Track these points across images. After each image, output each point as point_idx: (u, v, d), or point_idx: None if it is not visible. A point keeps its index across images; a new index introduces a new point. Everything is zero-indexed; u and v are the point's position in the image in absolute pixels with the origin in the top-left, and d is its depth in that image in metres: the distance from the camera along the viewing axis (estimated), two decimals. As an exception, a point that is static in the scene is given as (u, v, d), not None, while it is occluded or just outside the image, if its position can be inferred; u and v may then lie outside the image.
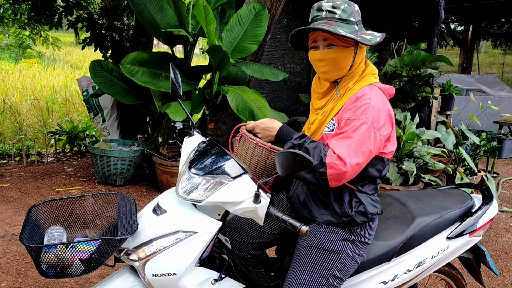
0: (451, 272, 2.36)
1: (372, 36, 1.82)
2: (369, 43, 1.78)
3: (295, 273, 1.89)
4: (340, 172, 1.66)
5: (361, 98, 1.77)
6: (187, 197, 1.73)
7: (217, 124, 5.05)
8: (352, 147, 1.68)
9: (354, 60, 1.82)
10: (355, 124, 1.71)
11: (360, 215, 1.84)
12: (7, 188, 4.89)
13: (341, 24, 1.76)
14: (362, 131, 1.70)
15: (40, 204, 1.84)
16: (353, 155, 1.68)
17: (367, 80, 1.85)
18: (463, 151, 4.61)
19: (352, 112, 1.75)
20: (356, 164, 1.68)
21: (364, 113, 1.72)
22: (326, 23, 1.76)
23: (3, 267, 3.25)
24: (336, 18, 1.76)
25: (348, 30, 1.76)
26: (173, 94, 2.05)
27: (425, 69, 4.57)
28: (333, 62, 1.81)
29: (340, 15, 1.76)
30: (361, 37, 1.78)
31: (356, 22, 1.79)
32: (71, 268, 1.65)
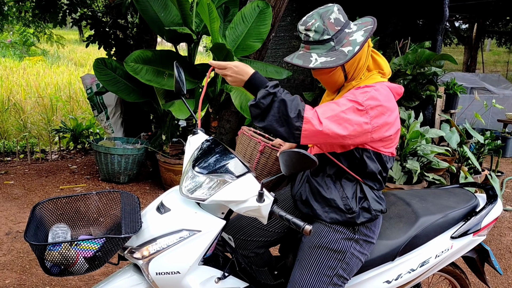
0: (455, 271, 2.35)
1: (351, 46, 1.75)
2: (343, 62, 1.72)
3: (299, 272, 1.89)
4: (315, 129, 1.63)
5: (364, 87, 1.77)
6: (191, 195, 1.73)
7: (220, 122, 5.05)
8: (334, 114, 1.66)
9: (345, 70, 1.82)
10: (348, 100, 1.70)
11: (364, 211, 1.84)
12: (12, 185, 4.91)
13: (316, 47, 1.77)
14: (351, 107, 1.68)
15: (45, 202, 1.85)
16: (332, 121, 1.65)
17: (373, 79, 1.84)
18: (467, 150, 4.60)
19: (350, 94, 1.75)
20: (332, 131, 1.64)
21: (362, 96, 1.71)
22: (304, 48, 1.80)
23: (7, 265, 3.27)
24: (310, 42, 1.78)
25: (324, 50, 1.76)
26: (177, 92, 2.05)
27: (429, 67, 4.56)
28: (325, 80, 1.88)
29: (313, 37, 1.76)
30: (337, 53, 1.75)
31: (332, 37, 1.75)
32: (75, 266, 1.66)
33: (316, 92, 5.41)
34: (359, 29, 1.80)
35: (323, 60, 1.74)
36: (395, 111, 1.79)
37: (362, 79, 1.84)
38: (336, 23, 1.76)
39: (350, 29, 1.80)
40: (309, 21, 1.76)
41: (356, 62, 1.81)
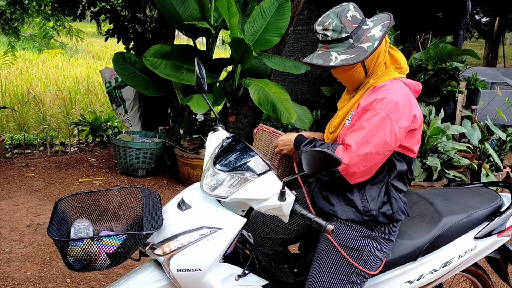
0: (477, 272, 2.32)
1: (370, 41, 1.76)
2: (364, 57, 1.74)
3: (317, 270, 1.88)
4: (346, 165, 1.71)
5: (380, 89, 1.77)
6: (212, 193, 1.73)
7: (238, 117, 5.04)
8: (362, 137, 1.71)
9: (365, 66, 1.83)
10: (369, 115, 1.72)
11: (384, 216, 1.82)
12: (32, 178, 4.98)
13: (335, 45, 1.79)
14: (375, 121, 1.70)
15: (67, 197, 1.86)
16: (362, 144, 1.70)
17: (389, 75, 1.84)
18: (488, 147, 4.52)
19: (368, 102, 1.75)
20: (365, 153, 1.70)
21: (380, 104, 1.72)
22: (322, 48, 1.82)
23: (28, 257, 3.32)
24: (329, 41, 1.79)
25: (343, 48, 1.77)
26: (198, 89, 2.05)
27: (451, 62, 4.47)
28: (345, 78, 1.88)
29: (331, 36, 1.78)
30: (356, 50, 1.76)
31: (350, 34, 1.77)
32: (98, 262, 1.67)
33: (334, 87, 5.37)
34: (376, 25, 1.81)
35: (343, 57, 1.75)
36: (412, 103, 1.79)
37: (380, 75, 1.84)
38: (353, 21, 1.77)
39: (367, 25, 1.81)
40: (326, 20, 1.78)
41: (375, 58, 1.82)
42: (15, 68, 10.30)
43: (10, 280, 3.02)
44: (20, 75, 9.94)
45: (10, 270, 3.12)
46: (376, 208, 1.81)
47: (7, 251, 3.38)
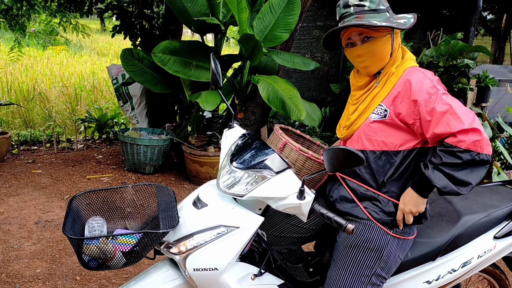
0: (495, 272, 2.28)
1: (405, 19, 1.79)
2: (405, 27, 1.75)
3: (336, 272, 1.85)
4: (479, 139, 1.58)
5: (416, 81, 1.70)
6: (229, 191, 1.70)
7: (246, 114, 5.01)
8: (459, 113, 1.61)
9: (393, 47, 1.78)
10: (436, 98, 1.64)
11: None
12: (39, 174, 4.97)
13: (372, 15, 1.73)
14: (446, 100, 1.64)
15: (81, 194, 1.84)
16: (466, 118, 1.60)
17: (408, 63, 1.81)
18: (499, 145, 4.47)
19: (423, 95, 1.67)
20: (475, 122, 1.60)
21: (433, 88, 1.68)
22: (357, 18, 1.74)
23: (37, 254, 3.30)
24: (366, 10, 1.74)
25: (381, 19, 1.74)
26: (214, 85, 2.01)
27: (462, 59, 4.43)
28: (373, 55, 1.78)
29: (369, 6, 1.74)
30: (395, 22, 1.75)
31: (386, 9, 1.77)
32: (113, 261, 1.64)
33: (343, 84, 5.33)
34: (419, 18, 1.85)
35: (386, 23, 1.72)
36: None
37: (399, 64, 1.80)
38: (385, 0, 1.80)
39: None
40: None
41: (398, 43, 1.82)
42: (20, 65, 10.28)
43: (20, 277, 3.00)
44: (25, 72, 9.93)
45: (19, 268, 3.11)
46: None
47: (16, 248, 3.37)
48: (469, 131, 1.58)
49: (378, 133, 1.77)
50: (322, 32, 7.28)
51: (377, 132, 1.77)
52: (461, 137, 1.59)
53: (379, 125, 1.77)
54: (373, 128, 1.78)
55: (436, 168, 1.63)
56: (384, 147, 1.77)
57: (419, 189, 1.72)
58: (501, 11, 12.54)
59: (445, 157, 1.61)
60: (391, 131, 1.76)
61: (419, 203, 1.73)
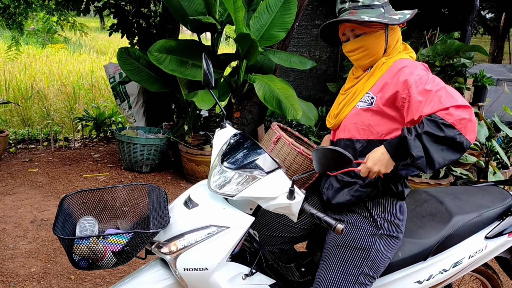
0: (487, 272, 2.28)
1: (401, 15, 1.78)
2: (397, 22, 1.74)
3: (324, 272, 1.85)
4: (467, 118, 1.53)
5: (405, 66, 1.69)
6: (220, 191, 1.70)
7: (242, 113, 5.01)
8: (452, 92, 1.57)
9: (387, 43, 1.79)
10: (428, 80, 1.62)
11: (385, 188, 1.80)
12: (36, 173, 4.97)
13: (365, 11, 1.75)
14: (437, 81, 1.61)
15: (72, 194, 1.84)
16: (458, 97, 1.56)
17: (401, 55, 1.82)
18: (496, 144, 4.47)
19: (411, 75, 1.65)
20: (467, 102, 1.56)
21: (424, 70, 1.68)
22: (350, 13, 1.77)
23: (32, 253, 3.30)
24: (359, 6, 1.76)
25: (374, 15, 1.75)
26: (205, 85, 2.01)
27: (458, 59, 4.43)
28: (365, 49, 1.80)
29: (363, 2, 1.76)
30: (388, 18, 1.76)
31: (382, 4, 1.77)
32: (104, 260, 1.64)
33: (341, 83, 5.33)
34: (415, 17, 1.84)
35: (376, 19, 1.72)
36: None
37: (392, 56, 1.81)
38: None
39: (392, 9, 1.82)
40: None
41: (395, 39, 1.82)
42: (19, 63, 10.28)
43: (14, 276, 3.00)
44: (24, 70, 9.93)
45: (14, 266, 3.11)
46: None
47: (11, 247, 3.37)
48: (461, 107, 1.53)
49: (365, 121, 1.77)
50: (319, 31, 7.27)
51: (364, 120, 1.77)
52: (451, 110, 1.53)
53: (366, 113, 1.77)
54: (360, 116, 1.78)
55: (418, 136, 1.55)
56: (370, 135, 1.77)
57: (394, 152, 1.62)
58: (499, 10, 12.53)
59: (428, 125, 1.53)
60: (377, 119, 1.75)
61: (390, 165, 1.64)
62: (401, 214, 1.86)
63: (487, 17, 15.14)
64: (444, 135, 1.51)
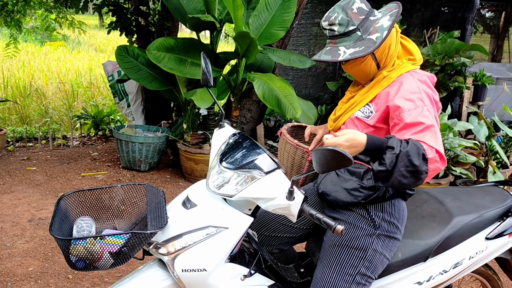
0: (487, 273, 2.27)
1: (379, 32, 1.71)
2: (373, 49, 1.68)
3: (321, 272, 1.84)
4: (439, 167, 1.55)
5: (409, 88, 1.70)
6: (218, 191, 1.69)
7: (241, 112, 5.00)
8: (437, 137, 1.59)
9: (377, 59, 1.79)
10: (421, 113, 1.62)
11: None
12: (34, 171, 4.95)
13: (342, 40, 1.75)
14: (431, 117, 1.62)
15: (69, 194, 1.82)
16: (440, 145, 1.58)
17: (404, 68, 1.79)
18: (495, 144, 4.46)
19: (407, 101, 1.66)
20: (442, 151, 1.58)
21: (420, 100, 1.66)
22: (331, 44, 1.78)
23: (30, 252, 3.28)
24: (336, 35, 1.76)
25: (351, 42, 1.73)
26: (204, 84, 2.00)
27: (458, 58, 4.41)
28: (357, 72, 1.84)
29: (338, 30, 1.74)
30: (365, 42, 1.72)
31: (358, 26, 1.73)
32: (101, 261, 1.63)
33: (339, 82, 5.31)
34: (384, 15, 1.78)
35: (351, 51, 1.71)
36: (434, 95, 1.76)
37: (394, 67, 1.80)
38: (359, 13, 1.73)
39: (375, 16, 1.77)
40: (332, 15, 1.75)
41: (386, 49, 1.78)
42: (17, 61, 10.24)
43: (12, 275, 2.99)
44: (22, 68, 9.89)
45: (11, 266, 3.09)
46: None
47: (9, 246, 3.35)
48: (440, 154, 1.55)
49: (361, 130, 1.80)
50: (319, 29, 7.25)
51: (360, 130, 1.80)
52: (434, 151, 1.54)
53: (362, 125, 1.81)
54: (355, 125, 1.82)
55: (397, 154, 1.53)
56: None
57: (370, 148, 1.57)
58: (499, 9, 12.50)
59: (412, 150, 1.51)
60: (370, 132, 1.79)
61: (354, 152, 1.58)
62: (401, 214, 1.84)
63: (486, 16, 15.12)
64: (418, 164, 1.51)
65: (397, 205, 1.83)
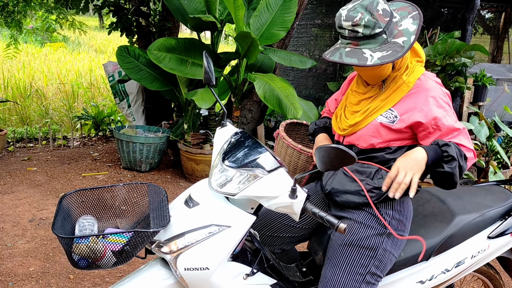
0: (489, 272, 2.27)
1: (405, 36, 1.67)
2: (402, 54, 1.63)
3: (330, 271, 1.84)
4: (470, 164, 1.72)
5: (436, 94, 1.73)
6: (221, 190, 1.68)
7: (242, 112, 5.00)
8: (467, 137, 1.75)
9: (394, 62, 1.71)
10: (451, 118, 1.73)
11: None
12: (35, 172, 4.94)
13: (366, 42, 1.64)
14: (456, 119, 1.74)
15: (71, 193, 1.82)
16: (471, 142, 1.76)
17: (417, 71, 1.79)
18: (496, 144, 4.46)
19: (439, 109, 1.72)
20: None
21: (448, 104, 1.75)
22: (351, 45, 1.66)
23: (31, 252, 3.28)
24: (359, 37, 1.64)
25: (376, 45, 1.64)
26: (206, 83, 2.00)
27: (459, 58, 4.42)
28: (372, 74, 1.78)
29: (363, 32, 1.62)
30: (391, 46, 1.65)
31: (384, 29, 1.64)
32: (103, 260, 1.62)
33: (340, 82, 5.31)
34: (403, 16, 1.72)
35: (379, 55, 1.62)
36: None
37: (409, 70, 1.78)
38: (384, 14, 1.64)
39: (396, 17, 1.71)
40: (355, 15, 1.60)
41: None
42: (18, 61, 10.24)
43: (13, 275, 2.98)
44: (23, 69, 9.89)
45: (12, 266, 3.09)
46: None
47: (10, 246, 3.35)
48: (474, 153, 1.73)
49: (382, 135, 1.78)
50: (320, 30, 7.26)
51: (381, 134, 1.78)
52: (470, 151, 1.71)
53: (384, 129, 1.77)
54: (378, 130, 1.78)
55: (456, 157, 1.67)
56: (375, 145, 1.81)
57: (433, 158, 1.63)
58: (499, 9, 12.52)
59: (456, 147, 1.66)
60: (393, 136, 1.78)
61: (421, 169, 1.62)
62: (408, 212, 1.85)
63: (486, 17, 15.12)
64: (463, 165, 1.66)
65: (405, 202, 1.84)
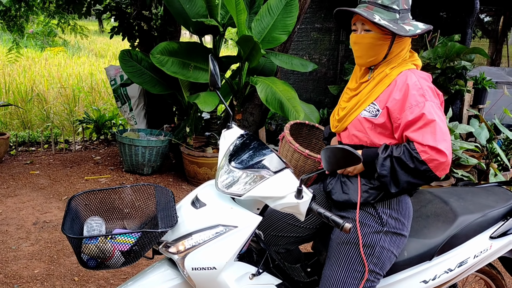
0: (491, 272, 2.29)
1: (412, 27, 1.77)
2: (404, 34, 1.73)
3: (330, 269, 1.87)
4: (441, 161, 1.65)
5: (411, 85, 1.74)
6: (227, 190, 1.71)
7: (244, 115, 5.02)
8: (437, 132, 1.67)
9: (390, 49, 1.79)
10: (423, 109, 1.69)
11: None
12: (37, 175, 4.96)
13: (380, 10, 1.75)
14: (433, 112, 1.69)
15: (80, 194, 1.84)
16: (441, 139, 1.66)
17: (405, 66, 1.83)
18: (496, 146, 4.49)
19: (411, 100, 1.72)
20: (448, 146, 1.67)
21: (422, 96, 1.71)
22: (366, 7, 1.77)
23: (35, 254, 3.30)
24: (377, 4, 1.76)
25: (387, 18, 1.75)
26: (212, 86, 2.03)
27: (459, 61, 4.45)
28: (367, 48, 1.81)
29: (382, 1, 1.75)
30: (398, 26, 1.75)
31: (399, 10, 1.76)
32: (112, 260, 1.65)
33: (341, 86, 5.35)
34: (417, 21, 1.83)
35: (385, 23, 1.73)
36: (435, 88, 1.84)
37: (396, 66, 1.82)
38: (406, 2, 1.79)
39: (410, 17, 1.83)
40: None
41: (401, 48, 1.82)
42: (18, 66, 10.28)
43: (18, 278, 3.00)
44: (24, 73, 9.92)
45: (17, 268, 3.11)
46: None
47: (14, 248, 3.37)
48: (436, 150, 1.64)
49: (367, 131, 1.83)
50: (320, 34, 7.30)
51: (366, 130, 1.83)
52: (427, 149, 1.65)
53: (368, 124, 1.82)
54: (362, 125, 1.84)
55: (390, 157, 1.71)
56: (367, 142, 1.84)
57: (367, 160, 1.78)
58: (498, 13, 12.57)
59: (404, 153, 1.68)
60: (375, 132, 1.81)
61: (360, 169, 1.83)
62: (407, 211, 1.87)
63: (485, 20, 15.18)
64: (414, 167, 1.67)
65: (403, 201, 1.86)
